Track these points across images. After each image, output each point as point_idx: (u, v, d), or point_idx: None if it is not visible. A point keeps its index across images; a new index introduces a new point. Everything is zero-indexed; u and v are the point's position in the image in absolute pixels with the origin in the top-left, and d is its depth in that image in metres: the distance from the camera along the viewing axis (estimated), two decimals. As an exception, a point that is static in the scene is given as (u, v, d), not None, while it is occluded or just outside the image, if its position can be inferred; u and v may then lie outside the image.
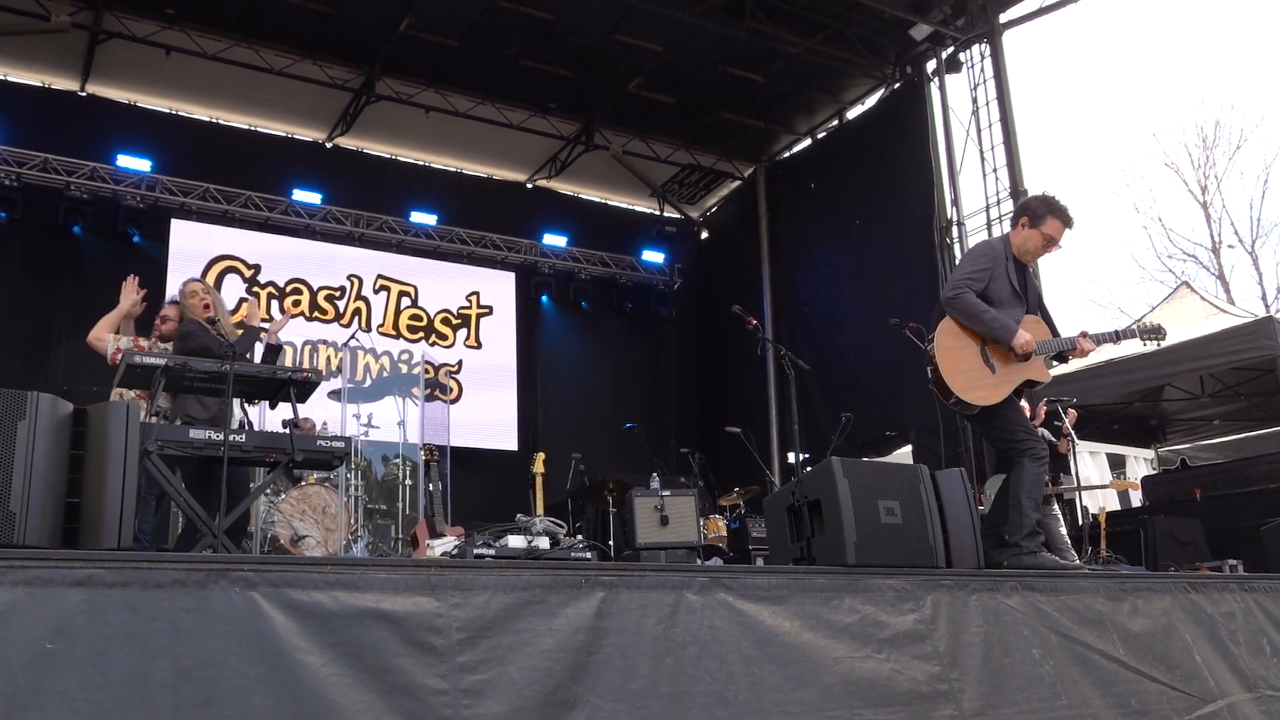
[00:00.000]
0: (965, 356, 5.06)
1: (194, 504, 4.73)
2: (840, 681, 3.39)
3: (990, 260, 5.16)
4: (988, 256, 5.20)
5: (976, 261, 5.20)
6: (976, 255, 5.29)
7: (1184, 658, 4.27)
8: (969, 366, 5.04)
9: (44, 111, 11.87)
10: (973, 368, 5.04)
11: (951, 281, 5.18)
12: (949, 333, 5.11)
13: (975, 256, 5.28)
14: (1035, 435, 5.18)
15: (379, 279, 13.34)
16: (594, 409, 14.07)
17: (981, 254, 5.26)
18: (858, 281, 12.50)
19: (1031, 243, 5.21)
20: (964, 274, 5.15)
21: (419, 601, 2.86)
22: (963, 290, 5.04)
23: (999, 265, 5.16)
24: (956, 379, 5.00)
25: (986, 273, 5.12)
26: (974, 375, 5.03)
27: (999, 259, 5.17)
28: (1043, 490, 5.17)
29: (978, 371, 5.03)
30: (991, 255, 5.19)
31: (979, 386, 5.01)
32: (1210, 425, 12.68)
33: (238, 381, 4.85)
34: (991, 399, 5.03)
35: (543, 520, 5.11)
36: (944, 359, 5.04)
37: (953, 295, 5.07)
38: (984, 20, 11.59)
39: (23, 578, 2.43)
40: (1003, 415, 5.09)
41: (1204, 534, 8.90)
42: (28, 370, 10.83)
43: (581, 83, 12.94)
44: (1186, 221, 32.42)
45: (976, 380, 5.02)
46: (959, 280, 5.12)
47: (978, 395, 5.01)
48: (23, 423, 2.97)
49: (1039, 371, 5.14)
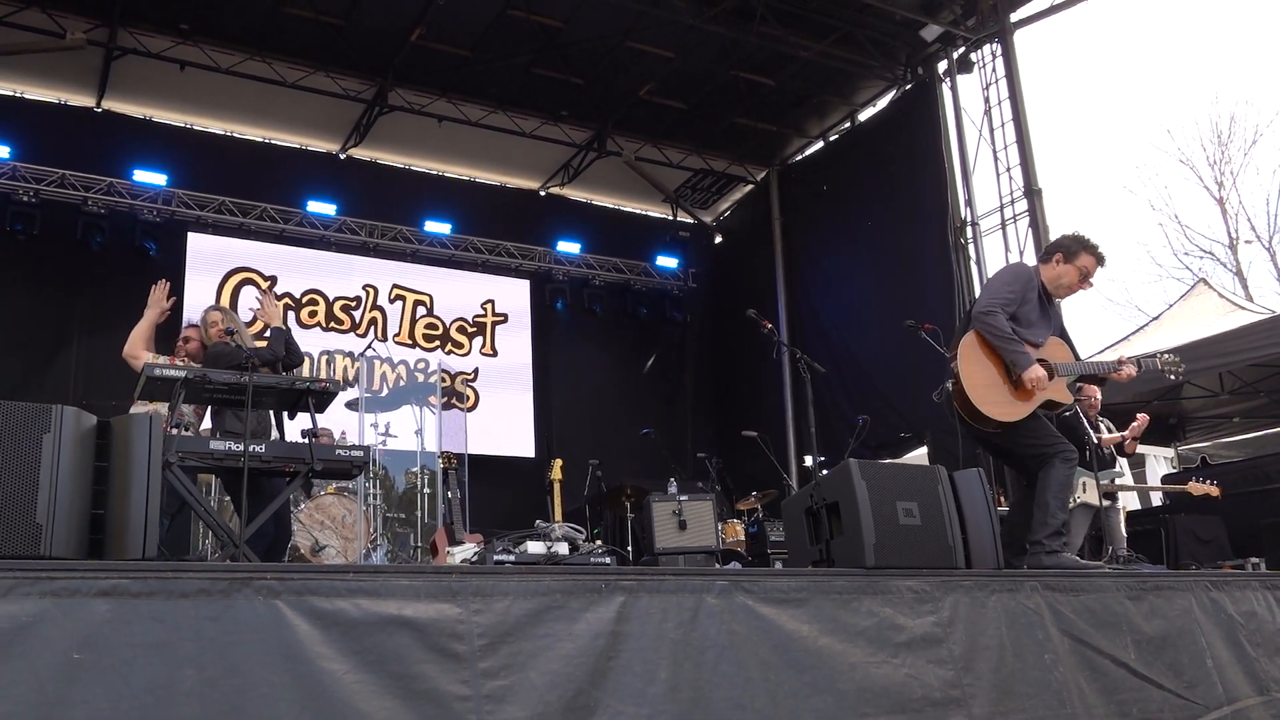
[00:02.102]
0: (990, 372, 5.05)
1: (216, 515, 4.77)
2: (855, 688, 3.39)
3: (1026, 285, 5.17)
4: (1023, 281, 5.20)
5: (1013, 284, 5.19)
6: (1013, 278, 5.28)
7: (1193, 663, 4.26)
8: (992, 382, 5.03)
9: (61, 128, 11.97)
10: (996, 382, 5.03)
11: (986, 300, 5.17)
12: (973, 347, 5.10)
13: (1011, 279, 5.27)
14: (1063, 439, 5.16)
15: (394, 288, 13.39)
16: (610, 415, 14.08)
17: (1017, 276, 5.26)
18: (872, 283, 12.48)
19: (1066, 278, 5.23)
20: (1000, 294, 5.14)
21: (441, 608, 2.88)
22: (996, 311, 5.03)
23: (1032, 292, 5.17)
24: (978, 393, 4.99)
25: (1020, 295, 5.12)
26: (998, 391, 5.02)
27: (1033, 287, 5.18)
28: (1071, 491, 5.16)
29: (1001, 388, 5.03)
30: (1027, 280, 5.20)
31: (1002, 402, 5.01)
32: (1230, 423, 12.61)
33: (257, 392, 4.89)
34: (1014, 415, 5.02)
35: (562, 526, 5.13)
36: (968, 373, 5.03)
37: (985, 313, 5.05)
38: (995, 20, 11.56)
39: (50, 589, 2.47)
40: (1028, 427, 5.07)
41: (1226, 532, 8.85)
42: (46, 384, 10.91)
43: (593, 90, 12.97)
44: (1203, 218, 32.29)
45: (999, 395, 5.01)
46: (994, 300, 5.10)
47: (1001, 411, 5.00)
48: (48, 436, 3.01)
49: (1061, 393, 5.13)
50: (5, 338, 11.06)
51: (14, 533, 2.90)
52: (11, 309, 11.19)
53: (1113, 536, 8.19)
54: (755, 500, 10.32)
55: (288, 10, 11.15)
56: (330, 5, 11.18)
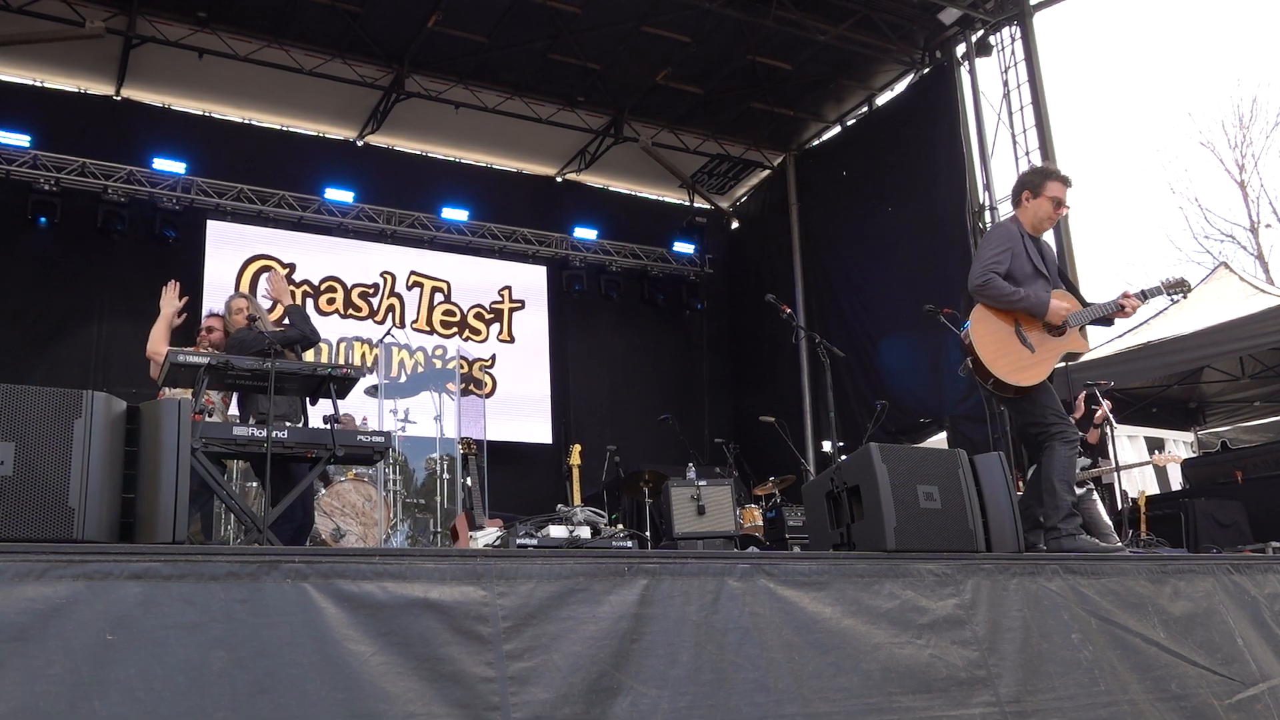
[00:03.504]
0: (1002, 340, 5.06)
1: (240, 501, 4.81)
2: (880, 668, 3.40)
3: (1008, 241, 5.20)
4: (1005, 238, 5.23)
5: (996, 245, 5.22)
6: (994, 239, 5.32)
7: (1225, 641, 4.25)
8: (1008, 349, 5.04)
9: (80, 117, 12.05)
10: (1012, 350, 5.04)
11: (975, 269, 5.17)
12: (982, 319, 5.11)
13: (993, 240, 5.31)
14: (1066, 419, 5.16)
15: (412, 275, 13.43)
16: (627, 400, 14.11)
17: (998, 237, 5.29)
18: (891, 268, 12.44)
19: (1042, 211, 5.30)
20: (986, 259, 5.15)
21: (466, 591, 2.91)
22: (989, 275, 5.06)
23: (1017, 245, 5.20)
24: (999, 363, 5.00)
25: (1007, 253, 5.14)
26: (1015, 357, 5.03)
27: (1015, 239, 5.22)
28: (1075, 472, 5.16)
29: (1018, 353, 5.04)
30: (1008, 236, 5.24)
31: (1022, 367, 5.02)
32: (1251, 407, 12.53)
33: (280, 378, 4.93)
34: (1037, 377, 5.04)
35: (584, 510, 5.16)
36: (982, 346, 5.03)
37: (981, 282, 5.08)
38: (1014, 2, 11.48)
39: (83, 571, 2.51)
40: (1037, 400, 5.09)
41: (1246, 516, 8.82)
42: (67, 372, 11.01)
43: (609, 75, 12.96)
44: (1224, 201, 31.99)
45: (1018, 362, 5.02)
46: (983, 267, 5.12)
47: (1023, 376, 5.01)
48: (79, 421, 3.04)
49: (1077, 343, 5.18)
50: (27, 325, 11.17)
51: (48, 516, 2.94)
52: (33, 297, 11.30)
53: (1095, 524, 8.19)
54: (773, 485, 10.33)
55: (305, -3, 11.18)
56: (347, -8, 11.21)
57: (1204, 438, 13.24)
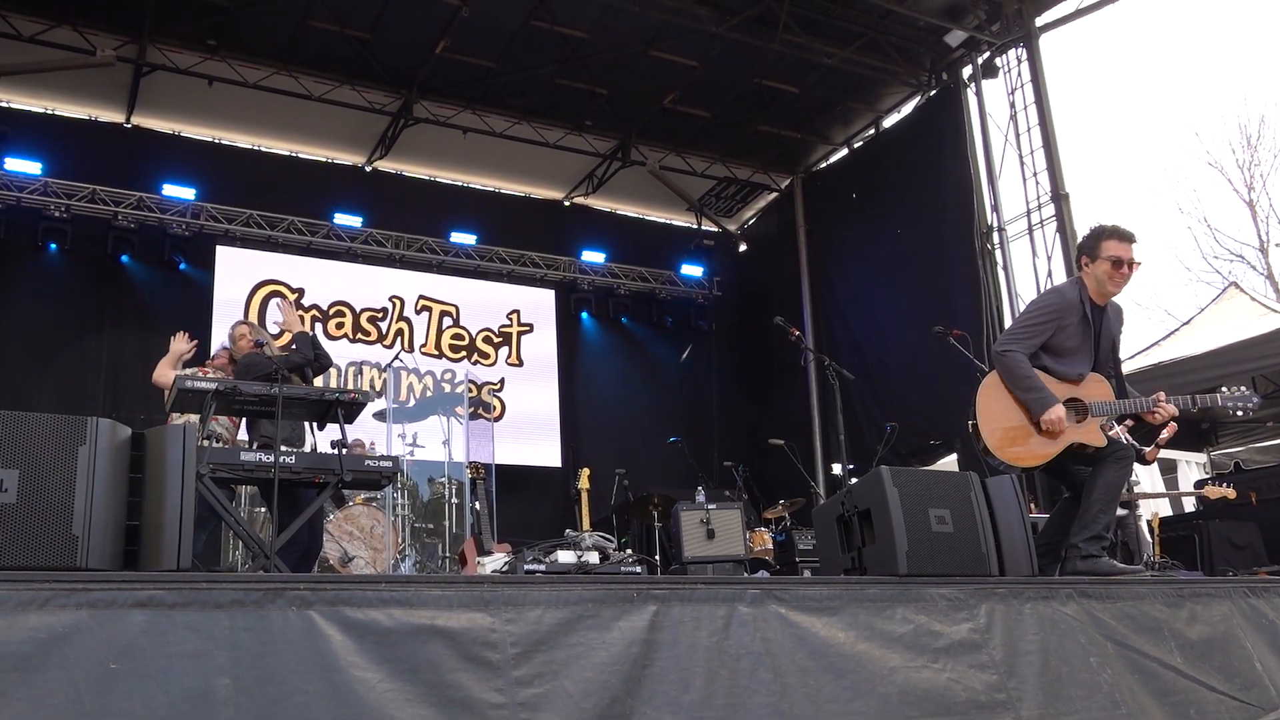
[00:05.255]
0: (1010, 411, 4.76)
1: (248, 527, 4.79)
2: (897, 691, 3.36)
3: (1057, 312, 4.84)
4: (1054, 309, 4.86)
5: (1039, 314, 4.89)
6: (1041, 307, 4.97)
7: (1244, 665, 4.19)
8: (1013, 423, 4.74)
9: (91, 144, 12.12)
10: (1016, 425, 4.74)
11: (1006, 335, 4.93)
12: (993, 386, 4.83)
13: (1040, 308, 4.96)
14: (1116, 440, 4.82)
15: (420, 299, 13.45)
16: (636, 424, 14.07)
17: (1047, 305, 4.94)
18: (899, 290, 12.42)
19: (1102, 273, 4.83)
20: (1021, 327, 4.88)
21: (473, 617, 2.88)
22: (1011, 349, 4.76)
23: (1069, 315, 4.82)
24: (994, 436, 4.74)
25: (1050, 325, 4.80)
26: (1017, 433, 4.74)
27: (1070, 309, 4.84)
28: (1119, 495, 4.93)
29: (1021, 429, 4.74)
30: (1061, 306, 4.87)
31: (1018, 444, 4.73)
32: (1264, 427, 12.44)
33: (288, 403, 4.91)
34: (1028, 462, 4.74)
35: (592, 535, 5.12)
36: (986, 412, 4.78)
37: (1001, 351, 4.80)
38: (1020, 24, 11.50)
39: (86, 600, 2.48)
40: (1063, 467, 4.82)
41: (1261, 537, 8.73)
42: (76, 397, 11.02)
43: (617, 99, 13.01)
44: (1232, 221, 31.84)
45: (1017, 437, 4.73)
46: (1013, 337, 4.85)
47: (1014, 455, 4.72)
48: (83, 448, 3.03)
49: (1093, 435, 4.73)
50: (36, 351, 11.19)
51: (51, 544, 2.92)
52: (42, 322, 11.33)
53: (1138, 543, 8.11)
54: (783, 508, 10.27)
55: (314, 25, 11.25)
56: (356, 19, 11.28)
57: (1217, 459, 13.14)
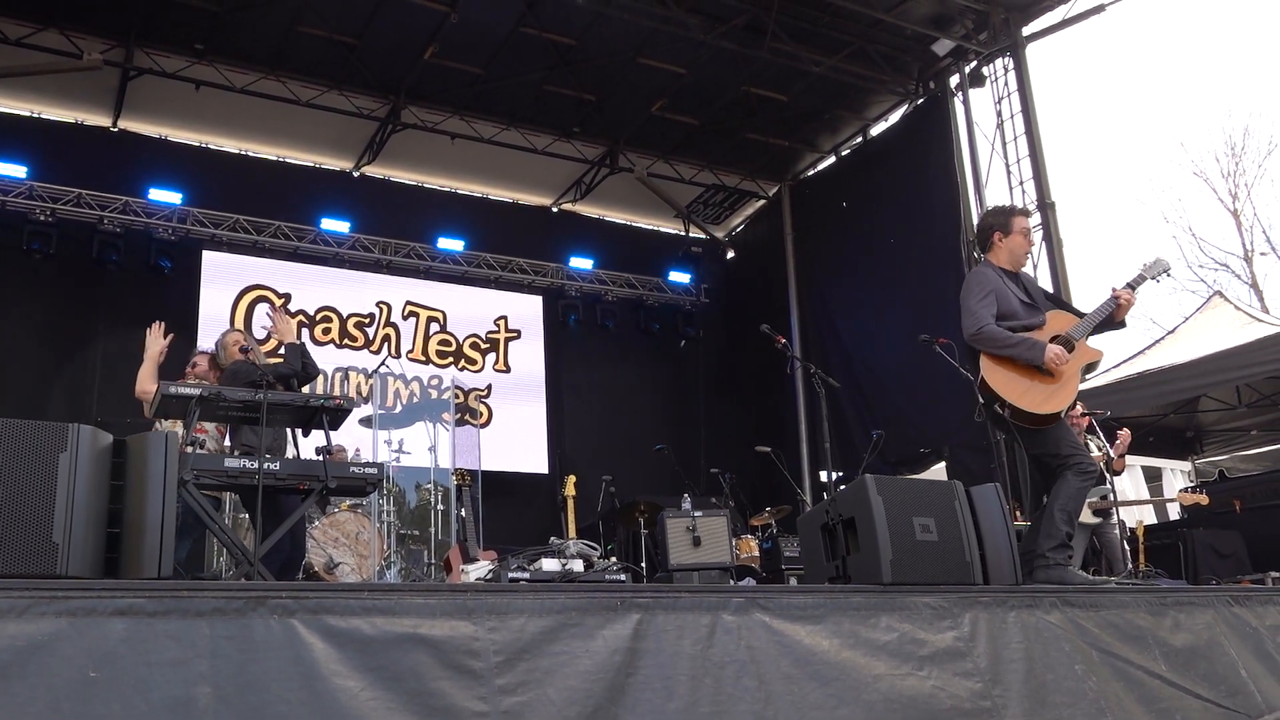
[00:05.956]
0: (1019, 378, 5.00)
1: (231, 534, 4.77)
2: (882, 699, 3.37)
3: (987, 284, 5.19)
4: (983, 283, 5.21)
5: (977, 290, 5.18)
6: (975, 285, 5.26)
7: (1229, 673, 4.21)
8: (1029, 384, 4.99)
9: (77, 148, 12.05)
10: (1033, 383, 4.99)
11: (967, 319, 5.14)
12: (992, 366, 5.06)
13: (973, 288, 5.25)
14: (1082, 450, 5.12)
15: (407, 305, 13.42)
16: (623, 431, 14.06)
17: (978, 281, 5.25)
18: (887, 297, 12.43)
19: (1018, 248, 5.38)
20: (974, 306, 5.12)
21: (456, 625, 2.87)
22: (984, 324, 5.04)
23: (998, 285, 5.19)
24: (1026, 399, 4.94)
25: (990, 296, 5.13)
26: (1038, 389, 4.98)
27: (993, 280, 5.22)
28: (1080, 505, 5.10)
29: (1039, 383, 4.99)
30: (986, 280, 5.22)
31: (1048, 396, 4.96)
32: (1248, 436, 12.52)
33: (272, 410, 4.89)
34: (1065, 400, 4.98)
35: (576, 543, 5.11)
36: (1006, 390, 4.97)
37: (975, 331, 5.06)
38: (1007, 34, 11.55)
39: (66, 608, 2.47)
40: (1051, 432, 5.02)
41: (1245, 546, 8.77)
42: (64, 403, 10.96)
43: (605, 106, 13.01)
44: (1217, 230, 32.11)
45: (1043, 392, 4.97)
46: (973, 315, 5.10)
47: (1052, 404, 4.96)
48: (64, 454, 3.01)
49: (1089, 353, 5.16)
50: (23, 356, 11.12)
51: (31, 552, 2.90)
52: (28, 327, 11.26)
53: (1113, 553, 8.15)
54: (769, 516, 10.28)
55: (302, 30, 11.23)
56: (344, 24, 11.26)
57: (1201, 467, 13.21)
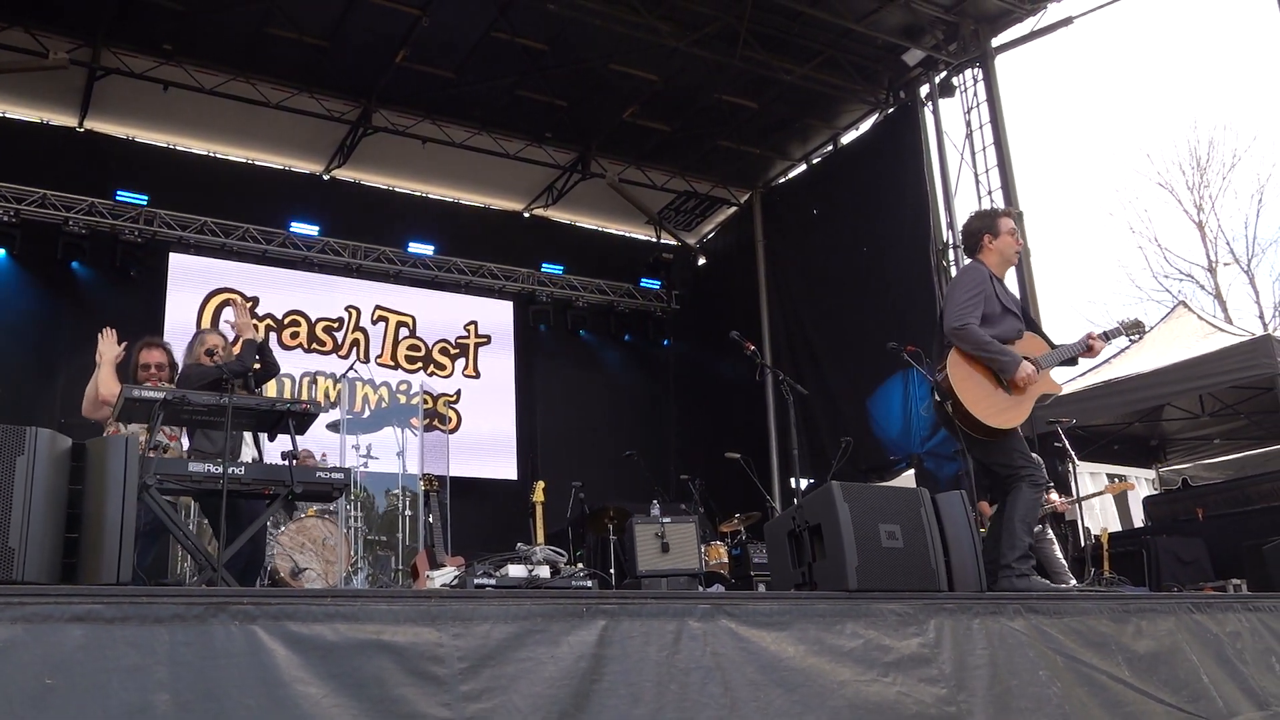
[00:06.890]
0: (981, 383, 5.06)
1: (194, 539, 4.71)
2: (847, 705, 3.37)
3: (981, 283, 5.21)
4: (977, 281, 5.23)
5: (969, 288, 5.20)
6: (966, 282, 5.28)
7: (1191, 678, 4.25)
8: (987, 393, 5.04)
9: (42, 148, 11.91)
10: (991, 393, 5.05)
11: (951, 313, 5.14)
12: (959, 363, 5.10)
13: (965, 283, 5.27)
14: (1035, 461, 5.19)
15: (377, 309, 13.35)
16: (593, 437, 14.04)
17: (970, 280, 5.27)
18: (857, 305, 12.47)
19: (1007, 248, 5.37)
20: (961, 303, 5.13)
21: (420, 632, 2.85)
22: (967, 321, 5.06)
23: (988, 287, 5.22)
24: (979, 406, 5.00)
25: (980, 296, 5.14)
26: (996, 399, 5.03)
27: (986, 281, 5.23)
28: (1038, 515, 5.19)
29: (996, 396, 5.04)
30: (980, 279, 5.24)
31: (1002, 410, 5.03)
32: (1211, 444, 12.65)
33: (236, 414, 4.84)
34: (1017, 419, 5.06)
35: (543, 549, 5.09)
36: (963, 390, 5.02)
37: (958, 326, 5.06)
38: (976, 45, 11.66)
39: (22, 614, 2.43)
40: (1005, 442, 5.09)
41: (1207, 553, 8.86)
42: (26, 405, 10.80)
43: (577, 112, 13.01)
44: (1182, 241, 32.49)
45: (999, 405, 5.03)
46: (960, 310, 5.10)
47: (1004, 419, 5.03)
48: (21, 458, 2.96)
49: (1050, 384, 5.25)
50: (-17, 358, 10.96)
51: (-14, 556, 2.85)
52: (-10, 330, 11.09)
53: (1049, 564, 8.23)
54: (738, 522, 10.28)
55: (271, 31, 11.15)
56: (314, 26, 11.19)
57: (1165, 475, 13.34)
